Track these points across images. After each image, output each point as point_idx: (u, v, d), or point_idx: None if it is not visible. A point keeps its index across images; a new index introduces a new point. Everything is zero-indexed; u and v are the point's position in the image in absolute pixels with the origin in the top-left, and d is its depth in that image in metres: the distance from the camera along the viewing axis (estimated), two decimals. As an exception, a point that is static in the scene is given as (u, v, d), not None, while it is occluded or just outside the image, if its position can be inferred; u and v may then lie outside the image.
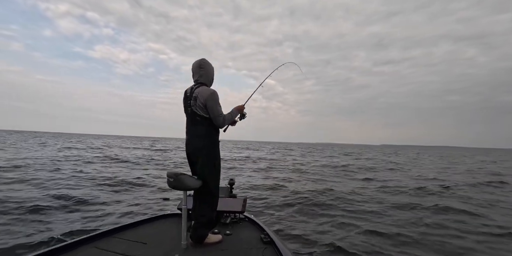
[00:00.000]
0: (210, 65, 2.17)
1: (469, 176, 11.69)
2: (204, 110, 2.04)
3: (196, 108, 2.05)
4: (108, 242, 2.11)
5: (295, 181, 9.04)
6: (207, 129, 2.08)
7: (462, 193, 7.10)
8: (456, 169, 15.57)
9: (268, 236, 2.09)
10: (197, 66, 2.12)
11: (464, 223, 4.40)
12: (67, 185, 6.54)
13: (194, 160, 2.13)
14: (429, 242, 3.52)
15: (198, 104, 2.03)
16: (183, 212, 2.01)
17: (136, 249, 1.96)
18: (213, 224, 2.17)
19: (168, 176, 2.01)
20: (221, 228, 2.53)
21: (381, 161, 20.73)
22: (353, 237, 3.62)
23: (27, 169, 8.63)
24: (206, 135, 2.08)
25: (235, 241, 2.14)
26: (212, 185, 2.09)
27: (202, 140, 2.07)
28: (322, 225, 4.18)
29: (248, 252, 1.88)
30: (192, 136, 2.11)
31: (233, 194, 3.13)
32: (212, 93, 2.04)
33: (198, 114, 2.06)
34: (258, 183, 8.12)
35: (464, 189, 7.82)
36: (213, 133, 2.12)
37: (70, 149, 19.68)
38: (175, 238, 2.19)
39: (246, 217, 2.87)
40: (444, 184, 8.43)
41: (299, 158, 22.47)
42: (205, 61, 2.14)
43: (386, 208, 5.26)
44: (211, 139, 2.11)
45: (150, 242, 2.13)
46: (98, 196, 5.60)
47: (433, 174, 11.70)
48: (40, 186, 6.31)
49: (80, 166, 10.45)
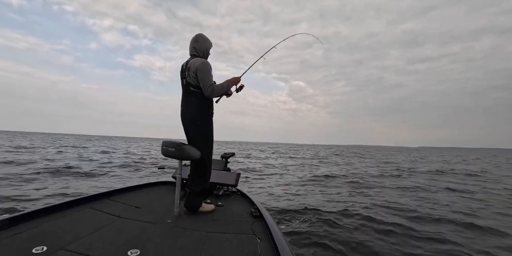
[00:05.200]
0: (206, 40, 2.22)
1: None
2: (196, 80, 2.05)
3: (189, 78, 2.07)
4: (104, 204, 2.18)
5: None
6: (199, 100, 2.08)
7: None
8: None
9: (258, 211, 2.16)
10: (193, 40, 2.18)
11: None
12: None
13: (188, 130, 2.15)
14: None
15: (191, 74, 2.05)
16: (177, 181, 2.06)
17: (130, 212, 2.03)
18: (206, 194, 2.23)
19: (167, 145, 2.02)
20: (213, 199, 2.62)
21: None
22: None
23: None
24: (198, 105, 2.08)
25: (226, 212, 2.22)
26: (205, 156, 2.13)
27: (194, 111, 2.08)
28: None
29: (238, 224, 1.95)
30: (185, 106, 2.13)
31: (227, 167, 3.19)
32: (202, 62, 2.05)
33: (191, 84, 2.07)
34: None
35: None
36: (206, 104, 2.12)
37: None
38: (168, 205, 2.27)
39: (238, 191, 2.96)
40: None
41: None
42: (200, 35, 2.20)
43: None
44: (204, 110, 2.12)
45: (144, 206, 2.21)
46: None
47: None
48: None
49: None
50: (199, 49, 2.17)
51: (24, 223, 1.63)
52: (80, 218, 1.80)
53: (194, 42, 2.17)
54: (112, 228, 1.67)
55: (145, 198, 2.51)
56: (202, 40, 2.19)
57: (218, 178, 2.91)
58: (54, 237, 1.45)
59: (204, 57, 2.21)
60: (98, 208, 2.05)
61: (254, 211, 2.15)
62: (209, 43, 2.24)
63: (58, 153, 14.69)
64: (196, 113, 2.08)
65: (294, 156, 23.39)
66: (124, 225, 1.75)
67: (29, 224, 1.62)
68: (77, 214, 1.88)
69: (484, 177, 10.48)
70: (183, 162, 2.13)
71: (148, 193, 2.71)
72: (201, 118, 2.10)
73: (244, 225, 1.90)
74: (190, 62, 2.09)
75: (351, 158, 22.81)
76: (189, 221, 1.95)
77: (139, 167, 9.83)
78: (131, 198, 2.46)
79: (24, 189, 5.11)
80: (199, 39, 2.17)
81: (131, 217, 1.92)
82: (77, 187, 5.60)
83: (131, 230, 1.66)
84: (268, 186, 6.86)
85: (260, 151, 33.58)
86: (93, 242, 1.43)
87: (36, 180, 6.20)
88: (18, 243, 1.35)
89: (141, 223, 1.81)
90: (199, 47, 2.17)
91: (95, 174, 7.55)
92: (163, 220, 1.91)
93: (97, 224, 1.71)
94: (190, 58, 2.17)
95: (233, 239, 1.62)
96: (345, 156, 26.35)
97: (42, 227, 1.59)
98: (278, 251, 1.36)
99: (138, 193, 2.68)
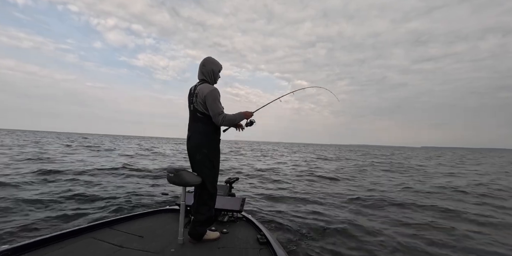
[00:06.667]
0: (214, 63, 2.17)
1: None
2: (204, 107, 2.05)
3: (197, 104, 2.07)
4: (105, 233, 2.11)
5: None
6: (207, 126, 2.08)
7: None
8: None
9: (264, 237, 2.08)
10: (201, 64, 2.16)
11: None
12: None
13: (193, 157, 2.12)
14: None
15: (199, 100, 2.04)
16: (181, 208, 2.01)
17: (132, 241, 1.96)
18: (211, 221, 2.17)
19: (168, 171, 2.02)
20: (218, 226, 2.53)
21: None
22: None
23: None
24: (206, 132, 2.07)
25: (232, 239, 2.14)
26: (210, 183, 2.08)
27: (201, 137, 2.07)
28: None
29: (244, 251, 1.87)
30: (193, 132, 2.11)
31: (232, 193, 3.13)
32: (212, 90, 2.02)
33: (199, 111, 2.06)
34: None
35: None
36: (213, 131, 2.11)
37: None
38: (172, 233, 2.20)
39: (243, 217, 2.87)
40: None
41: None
42: (208, 59, 2.16)
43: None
44: (211, 137, 2.10)
45: (146, 235, 2.13)
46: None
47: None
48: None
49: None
50: (207, 74, 2.15)
51: (25, 253, 1.59)
52: (80, 249, 1.74)
53: (202, 66, 2.14)
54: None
55: (148, 226, 2.43)
56: (210, 64, 2.15)
57: (222, 204, 2.83)
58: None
59: (212, 81, 2.18)
60: (99, 238, 1.98)
61: (261, 238, 2.08)
62: (218, 65, 2.19)
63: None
64: (203, 139, 2.06)
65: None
66: (126, 255, 1.68)
67: (30, 255, 1.58)
68: (77, 245, 1.82)
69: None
70: (187, 188, 2.11)
71: (151, 221, 2.63)
72: (208, 144, 2.08)
73: (250, 253, 1.83)
74: (198, 87, 2.08)
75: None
76: (194, 249, 1.87)
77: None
78: (133, 226, 2.38)
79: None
80: (206, 63, 2.15)
81: (134, 247, 1.85)
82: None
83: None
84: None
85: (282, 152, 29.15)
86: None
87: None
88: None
89: (144, 253, 1.75)
90: (206, 71, 2.14)
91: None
92: (167, 250, 1.84)
93: (98, 255, 1.65)
94: (198, 83, 2.15)
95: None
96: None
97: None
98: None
99: (140, 221, 2.60)
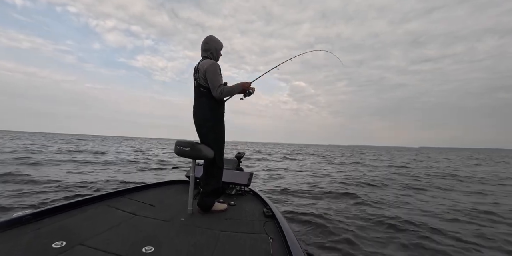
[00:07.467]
0: (216, 41, 2.23)
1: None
2: (206, 81, 2.07)
3: (200, 80, 2.10)
4: (119, 202, 2.23)
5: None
6: (210, 101, 2.10)
7: None
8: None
9: (270, 211, 2.14)
10: (204, 42, 2.21)
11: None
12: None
13: (200, 130, 2.18)
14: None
15: (201, 75, 2.08)
16: (191, 179, 2.08)
17: (145, 210, 2.07)
18: (219, 193, 2.26)
19: (181, 145, 2.05)
20: (226, 198, 2.62)
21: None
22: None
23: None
24: (209, 107, 2.10)
25: (239, 212, 2.22)
26: (217, 155, 2.14)
27: (205, 112, 2.11)
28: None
29: (251, 223, 1.94)
30: (197, 108, 2.16)
31: (240, 167, 3.19)
32: (212, 63, 2.06)
33: (202, 86, 2.10)
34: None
35: None
36: (217, 105, 2.14)
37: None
38: (182, 204, 2.30)
39: (250, 190, 2.96)
40: None
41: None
42: (210, 37, 2.22)
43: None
44: (215, 111, 2.13)
45: (158, 205, 2.24)
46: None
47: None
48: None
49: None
50: (209, 51, 2.20)
51: (46, 218, 1.70)
52: (97, 215, 1.85)
53: (205, 44, 2.20)
54: (127, 225, 1.70)
55: (159, 196, 2.55)
56: (212, 42, 2.21)
57: (231, 178, 2.91)
58: (72, 232, 1.50)
59: (214, 59, 2.23)
60: (114, 206, 2.10)
61: (267, 211, 2.14)
62: (219, 44, 2.25)
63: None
64: (208, 113, 2.11)
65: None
66: (139, 222, 1.78)
67: (50, 219, 1.69)
68: (94, 211, 1.93)
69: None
70: (196, 161, 2.15)
71: (162, 192, 2.75)
72: (213, 118, 2.12)
73: (256, 225, 1.89)
74: (200, 63, 2.13)
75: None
76: (203, 219, 1.96)
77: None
78: (145, 196, 2.50)
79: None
80: (209, 40, 2.20)
81: (146, 215, 1.95)
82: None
83: (146, 227, 1.69)
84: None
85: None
86: (110, 239, 1.46)
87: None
88: (39, 238, 1.40)
89: (155, 220, 1.84)
90: (209, 48, 2.19)
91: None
92: (177, 218, 1.93)
93: (113, 221, 1.75)
94: (201, 60, 2.20)
95: (246, 238, 1.61)
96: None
97: (62, 223, 1.65)
98: (290, 251, 1.34)
99: (152, 192, 2.72)
